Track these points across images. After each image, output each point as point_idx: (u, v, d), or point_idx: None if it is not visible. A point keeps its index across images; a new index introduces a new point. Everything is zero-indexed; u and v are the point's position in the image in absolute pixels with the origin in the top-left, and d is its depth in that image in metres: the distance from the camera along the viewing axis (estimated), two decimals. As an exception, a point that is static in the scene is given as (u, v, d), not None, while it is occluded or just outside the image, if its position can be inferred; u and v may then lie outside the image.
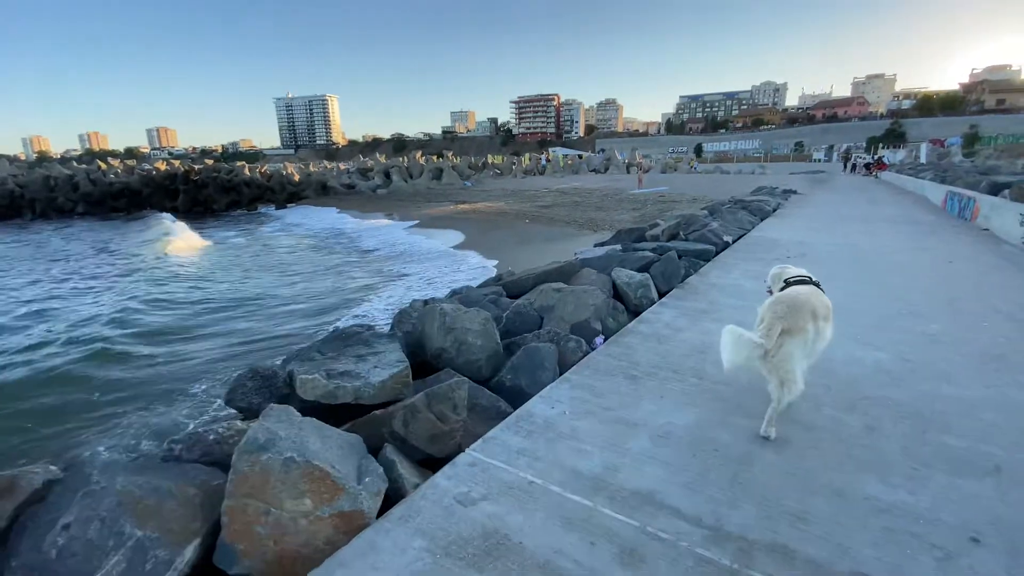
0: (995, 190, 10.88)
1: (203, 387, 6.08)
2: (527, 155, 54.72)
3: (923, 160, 35.89)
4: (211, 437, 2.35)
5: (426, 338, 3.44)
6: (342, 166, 44.73)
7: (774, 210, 12.61)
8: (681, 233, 8.03)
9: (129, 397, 6.03)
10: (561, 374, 3.29)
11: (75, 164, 42.46)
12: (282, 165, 41.60)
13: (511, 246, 16.23)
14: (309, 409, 2.84)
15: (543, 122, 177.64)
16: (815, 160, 56.49)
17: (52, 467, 2.37)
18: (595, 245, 9.16)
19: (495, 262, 13.98)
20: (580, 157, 51.93)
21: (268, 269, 15.85)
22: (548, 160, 47.01)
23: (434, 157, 56.56)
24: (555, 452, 2.39)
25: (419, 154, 59.28)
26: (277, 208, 33.71)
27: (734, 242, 8.02)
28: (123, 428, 5.13)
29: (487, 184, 36.27)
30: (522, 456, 2.36)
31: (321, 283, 13.38)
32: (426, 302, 4.13)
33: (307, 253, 18.63)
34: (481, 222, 21.67)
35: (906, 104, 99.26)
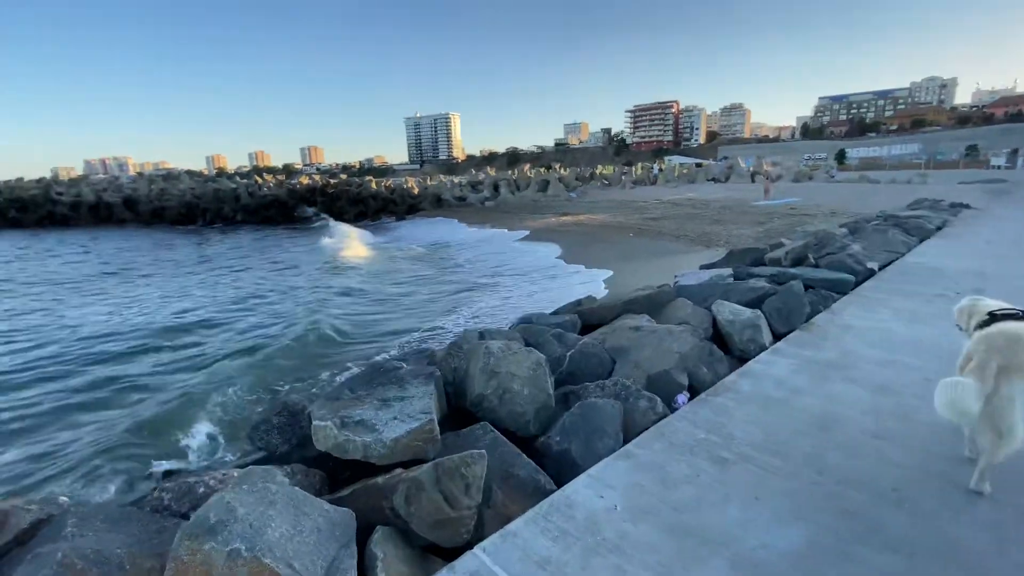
0: None
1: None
2: (639, 164, 52.38)
3: None
4: (200, 490, 2.11)
5: (469, 380, 2.99)
6: (456, 179, 46.89)
7: (937, 229, 10.29)
8: (810, 256, 6.70)
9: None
10: (625, 442, 2.62)
11: (239, 179, 49.73)
12: (404, 179, 44.70)
13: (611, 261, 15.38)
14: (323, 458, 2.53)
15: (660, 130, 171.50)
16: (994, 167, 46.52)
17: (63, 498, 2.31)
18: (701, 267, 8.11)
19: (607, 273, 13.38)
20: (698, 165, 48.64)
21: (378, 276, 16.72)
22: (661, 169, 44.58)
23: (542, 169, 56.85)
24: (590, 571, 1.77)
25: (527, 166, 60.05)
26: (397, 219, 36.09)
27: (881, 270, 6.50)
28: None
29: (593, 195, 35.40)
30: (542, 571, 1.77)
31: (415, 294, 13.65)
32: (481, 334, 3.69)
33: (411, 263, 19.37)
34: (582, 235, 21.00)
35: None
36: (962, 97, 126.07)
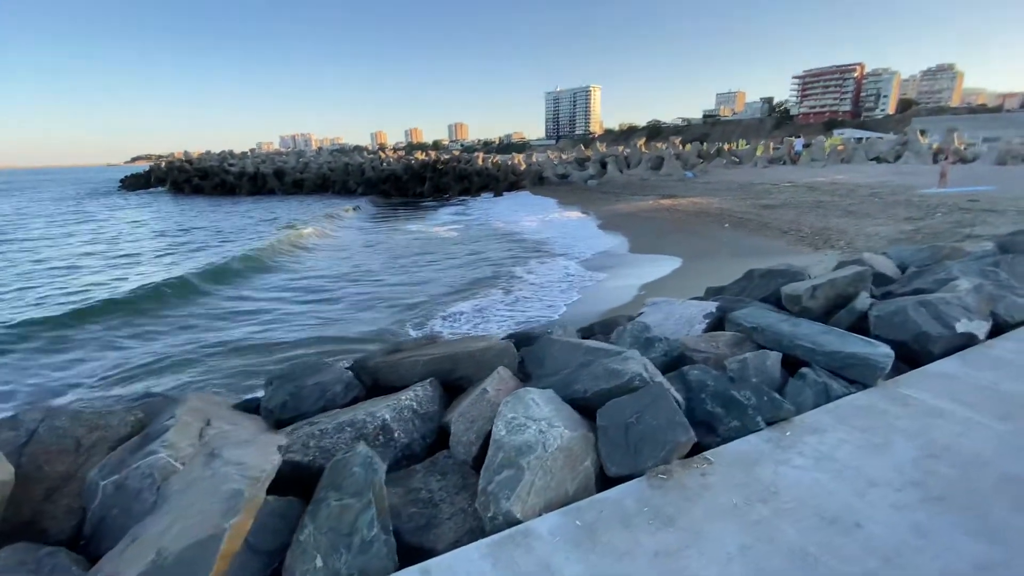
0: None
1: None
2: (768, 142, 43.45)
3: None
4: None
5: None
6: (563, 156, 44.54)
7: None
8: (861, 298, 3.91)
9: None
10: None
11: (366, 154, 53.44)
12: (511, 156, 43.70)
13: (683, 257, 12.60)
14: None
15: (835, 98, 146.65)
16: None
17: None
18: (708, 291, 5.61)
19: (661, 273, 11.13)
20: (859, 141, 39.33)
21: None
22: (806, 145, 36.88)
23: (658, 144, 51.37)
24: None
25: (642, 142, 54.83)
26: (496, 195, 35.36)
27: (997, 335, 3.55)
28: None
29: (714, 175, 30.64)
30: None
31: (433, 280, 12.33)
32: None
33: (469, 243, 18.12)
34: (669, 222, 17.97)
35: None
36: None
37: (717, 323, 4.18)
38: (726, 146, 42.92)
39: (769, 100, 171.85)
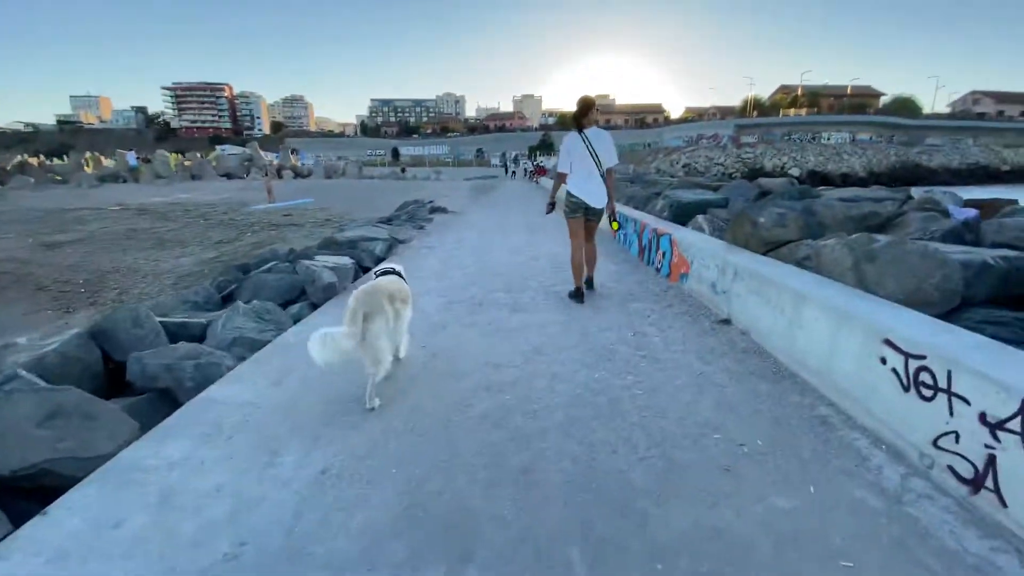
0: (686, 212, 6.72)
1: None
2: (98, 155, 36.48)
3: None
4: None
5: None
6: None
7: (378, 260, 6.06)
8: None
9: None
10: None
11: None
12: None
13: None
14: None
15: (213, 116, 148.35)
16: (493, 165, 59.10)
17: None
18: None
19: None
20: (200, 156, 39.05)
21: None
22: (145, 161, 32.70)
23: None
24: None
25: None
26: None
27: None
28: None
29: (10, 200, 21.41)
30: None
31: None
32: None
33: None
34: None
35: (551, 120, 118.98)
36: (470, 111, 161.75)
37: None
38: (34, 160, 31.84)
39: (143, 109, 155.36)
